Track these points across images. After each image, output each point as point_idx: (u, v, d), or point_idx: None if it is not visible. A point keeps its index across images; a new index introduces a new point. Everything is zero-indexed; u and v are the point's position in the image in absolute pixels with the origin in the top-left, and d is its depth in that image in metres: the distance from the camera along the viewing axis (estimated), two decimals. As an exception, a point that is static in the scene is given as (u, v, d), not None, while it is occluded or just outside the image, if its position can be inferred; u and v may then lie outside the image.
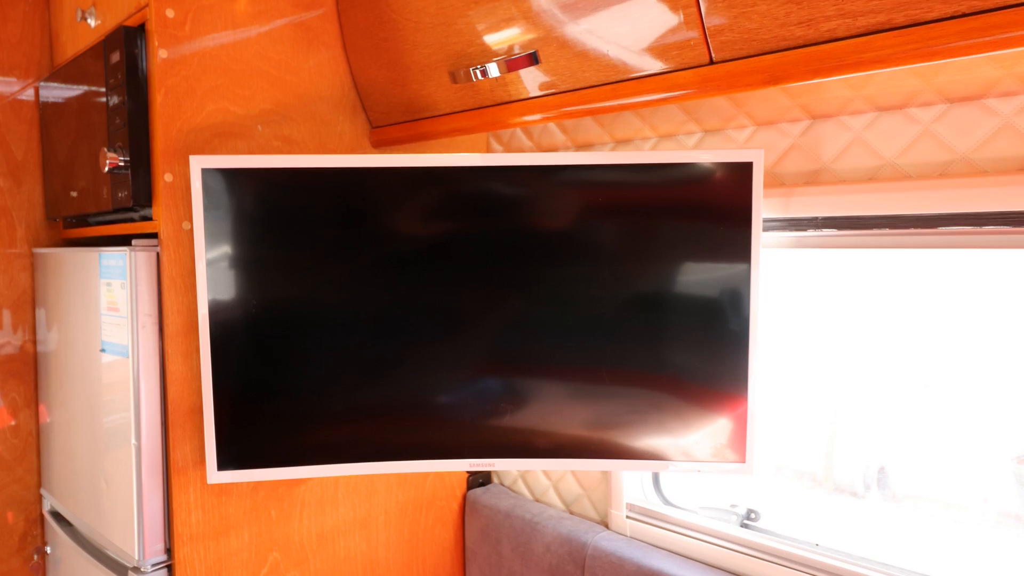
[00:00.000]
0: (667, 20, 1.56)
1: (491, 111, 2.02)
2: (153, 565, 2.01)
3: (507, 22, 1.84)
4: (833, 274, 2.12)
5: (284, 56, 2.14)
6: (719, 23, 1.49)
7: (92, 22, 2.18)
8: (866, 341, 2.11)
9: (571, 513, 2.50)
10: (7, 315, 2.54)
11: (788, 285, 2.17)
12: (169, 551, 2.03)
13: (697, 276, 1.87)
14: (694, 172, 1.84)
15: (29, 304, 2.59)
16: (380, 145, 2.35)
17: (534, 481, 2.64)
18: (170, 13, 1.93)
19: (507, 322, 1.96)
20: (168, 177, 1.94)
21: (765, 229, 1.97)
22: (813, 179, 1.87)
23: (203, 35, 1.99)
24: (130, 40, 1.94)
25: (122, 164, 1.94)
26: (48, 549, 2.65)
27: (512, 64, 1.87)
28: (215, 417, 1.95)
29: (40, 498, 2.65)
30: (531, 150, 2.49)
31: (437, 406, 2.00)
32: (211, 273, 1.91)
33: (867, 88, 1.59)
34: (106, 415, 2.10)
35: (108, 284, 2.03)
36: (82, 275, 2.19)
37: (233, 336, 1.95)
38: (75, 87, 2.25)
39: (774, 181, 1.94)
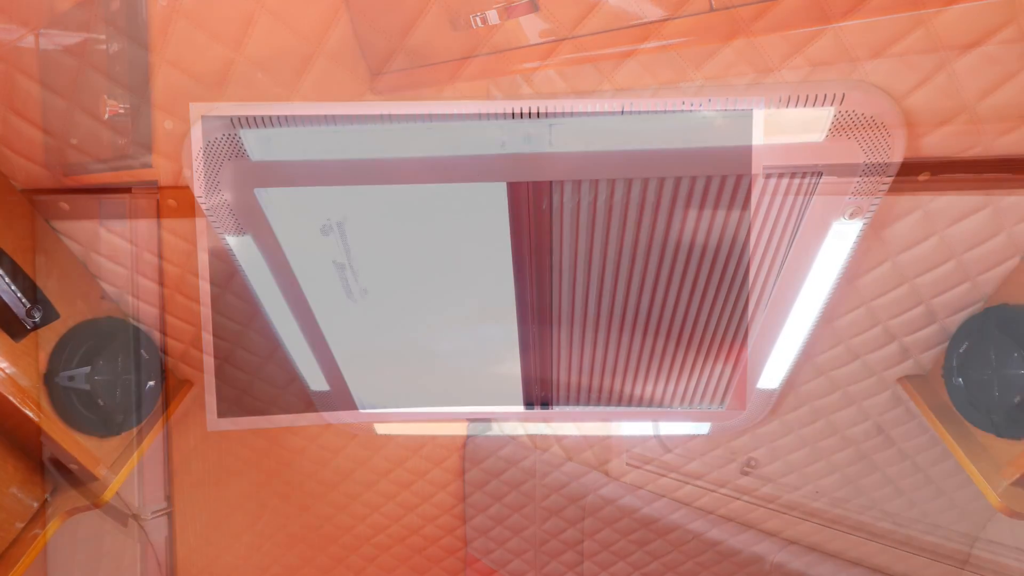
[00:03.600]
0: (668, -35, 1.56)
1: (491, 58, 2.01)
2: (153, 512, 2.02)
3: (507, -33, 1.83)
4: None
5: (284, 2, 2.12)
6: (720, -33, 1.48)
7: (91, -32, 2.17)
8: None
9: (571, 460, 2.52)
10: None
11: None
12: (169, 498, 2.05)
13: (698, 223, 1.87)
14: (695, 119, 1.83)
15: (29, 252, 2.59)
16: (380, 93, 2.34)
17: (534, 428, 2.65)
18: (169, -42, 1.92)
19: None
20: (168, 124, 1.94)
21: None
22: (813, 127, 1.87)
23: (202, -19, 1.98)
24: (129, -14, 1.93)
25: (122, 111, 1.94)
26: (48, 496, 2.67)
27: (512, 11, 1.86)
28: (215, 365, 1.96)
29: (41, 445, 2.67)
30: (531, 97, 2.48)
31: (438, 353, 2.01)
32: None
33: (867, 35, 1.59)
34: (108, 363, 2.10)
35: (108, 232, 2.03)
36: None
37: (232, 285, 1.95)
38: (75, 34, 2.24)
39: (775, 129, 1.94)
